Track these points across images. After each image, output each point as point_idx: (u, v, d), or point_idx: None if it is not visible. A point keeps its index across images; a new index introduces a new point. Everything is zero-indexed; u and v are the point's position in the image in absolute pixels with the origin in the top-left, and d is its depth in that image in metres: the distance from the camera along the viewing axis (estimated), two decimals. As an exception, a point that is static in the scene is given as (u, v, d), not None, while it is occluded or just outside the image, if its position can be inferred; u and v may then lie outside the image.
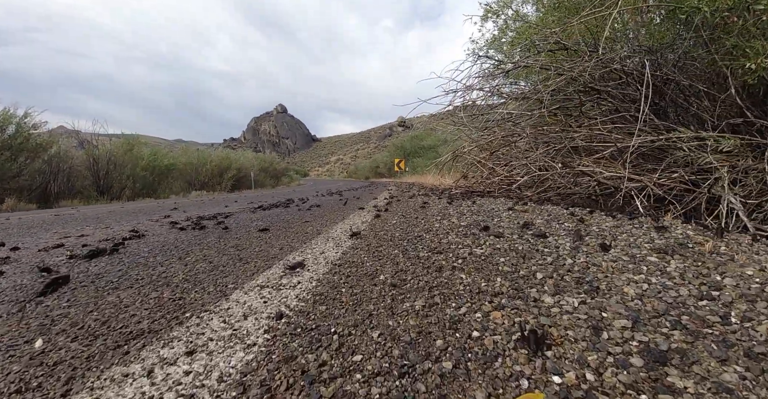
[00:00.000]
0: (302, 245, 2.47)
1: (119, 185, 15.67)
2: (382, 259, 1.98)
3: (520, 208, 3.55)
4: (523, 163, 5.30)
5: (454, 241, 2.32)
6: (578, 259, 1.85)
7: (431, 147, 24.05)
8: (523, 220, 2.91)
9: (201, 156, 21.78)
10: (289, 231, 3.13)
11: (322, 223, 3.55)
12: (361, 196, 7.69)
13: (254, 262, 2.06)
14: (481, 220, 3.07)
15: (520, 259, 1.87)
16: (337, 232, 2.98)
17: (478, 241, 2.32)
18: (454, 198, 5.25)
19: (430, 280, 1.57)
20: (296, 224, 3.57)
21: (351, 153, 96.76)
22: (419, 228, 2.88)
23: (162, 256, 2.40)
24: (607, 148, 4.50)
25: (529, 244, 2.17)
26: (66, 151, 14.59)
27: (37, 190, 13.31)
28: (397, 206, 4.85)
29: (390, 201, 5.76)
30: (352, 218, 3.85)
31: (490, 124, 6.17)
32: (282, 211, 4.92)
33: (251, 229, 3.39)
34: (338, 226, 3.33)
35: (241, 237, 2.95)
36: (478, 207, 4.01)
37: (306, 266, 1.90)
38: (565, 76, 4.93)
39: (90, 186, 14.86)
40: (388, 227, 3.03)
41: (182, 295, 1.56)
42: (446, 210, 3.98)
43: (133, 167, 16.32)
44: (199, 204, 7.72)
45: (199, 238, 3.01)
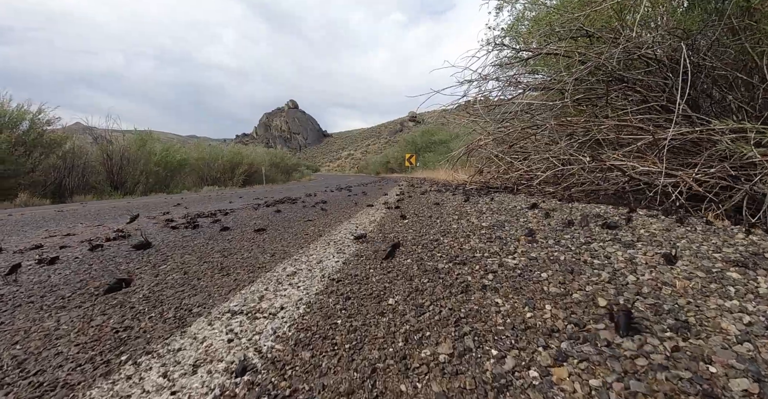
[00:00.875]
0: (299, 251, 2.07)
1: (132, 180, 15.55)
2: (391, 271, 1.57)
3: (546, 207, 3.11)
4: (544, 156, 4.84)
5: (478, 248, 1.90)
6: (642, 275, 1.42)
7: (442, 142, 23.52)
8: (553, 221, 2.48)
9: (213, 151, 21.63)
10: (288, 232, 2.74)
11: (326, 223, 3.15)
12: (370, 192, 7.29)
13: (236, 274, 1.67)
14: (504, 221, 2.64)
15: (567, 275, 1.45)
16: (341, 233, 2.58)
17: (507, 247, 1.90)
18: (470, 194, 4.81)
19: (455, 307, 1.16)
20: (297, 223, 3.18)
21: (362, 148, 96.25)
22: (435, 229, 2.46)
23: (137, 262, 2.03)
24: (637, 141, 4.06)
25: (572, 253, 1.75)
26: (80, 147, 14.48)
27: (52, 186, 13.21)
28: (408, 203, 4.44)
29: (401, 197, 5.35)
30: (360, 217, 3.45)
31: (507, 116, 5.71)
32: (285, 208, 4.54)
33: (247, 228, 3.01)
34: (343, 226, 2.93)
35: (233, 238, 2.57)
36: (497, 204, 3.58)
37: (296, 281, 1.50)
38: (590, 64, 4.46)
39: (104, 181, 14.76)
40: (399, 228, 2.62)
41: (131, 323, 1.18)
42: (462, 207, 3.56)
43: (146, 163, 16.18)
44: (206, 199, 7.40)
45: (187, 239, 2.64)
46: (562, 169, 4.25)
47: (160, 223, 3.68)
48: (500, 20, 7.65)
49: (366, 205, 4.44)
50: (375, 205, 4.49)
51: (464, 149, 5.96)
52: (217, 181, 20.75)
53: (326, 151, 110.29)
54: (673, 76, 4.50)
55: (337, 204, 4.97)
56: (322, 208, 4.45)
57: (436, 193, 5.55)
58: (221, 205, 5.56)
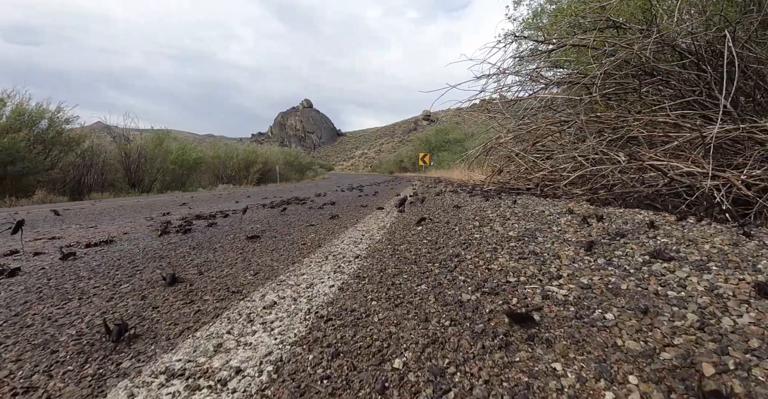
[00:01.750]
0: (289, 268, 1.69)
1: (149, 178, 15.52)
2: (400, 305, 1.17)
3: (580, 212, 2.67)
4: (570, 155, 4.38)
5: (510, 268, 1.49)
6: (739, 316, 1.01)
7: (457, 141, 22.97)
8: (593, 230, 2.05)
9: (228, 150, 21.55)
10: (284, 240, 2.36)
11: (330, 229, 2.76)
12: (382, 192, 6.90)
13: (202, 302, 1.29)
14: (534, 229, 2.21)
15: (641, 317, 1.03)
16: (343, 243, 2.18)
17: (546, 267, 1.48)
18: (489, 196, 4.38)
19: (493, 379, 0.76)
20: (298, 228, 2.80)
21: (375, 147, 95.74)
22: (454, 240, 2.05)
23: (100, 277, 1.68)
24: (672, 139, 3.60)
25: (634, 279, 1.32)
26: (98, 145, 14.48)
27: (71, 183, 13.22)
28: (422, 206, 4.03)
29: (414, 199, 4.95)
30: (368, 221, 3.05)
31: (529, 112, 5.24)
32: (290, 210, 4.18)
33: (241, 234, 2.65)
34: (348, 233, 2.54)
35: (220, 247, 2.21)
36: (522, 208, 3.15)
37: (273, 318, 1.11)
38: (622, 55, 3.98)
39: (122, 179, 14.75)
40: (412, 237, 2.22)
41: None
42: (483, 212, 3.13)
43: (163, 161, 16.13)
44: (215, 198, 7.11)
45: (170, 248, 2.29)
46: (593, 169, 3.80)
47: (155, 226, 3.36)
48: (518, 14, 7.14)
49: (376, 208, 4.05)
50: (386, 207, 4.10)
51: (482, 148, 5.52)
52: (232, 180, 20.67)
53: (340, 150, 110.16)
54: (710, 68, 4.02)
55: (345, 205, 4.59)
56: (329, 210, 4.08)
57: (452, 195, 5.13)
58: (226, 205, 5.24)
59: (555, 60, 5.43)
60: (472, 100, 5.39)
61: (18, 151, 10.85)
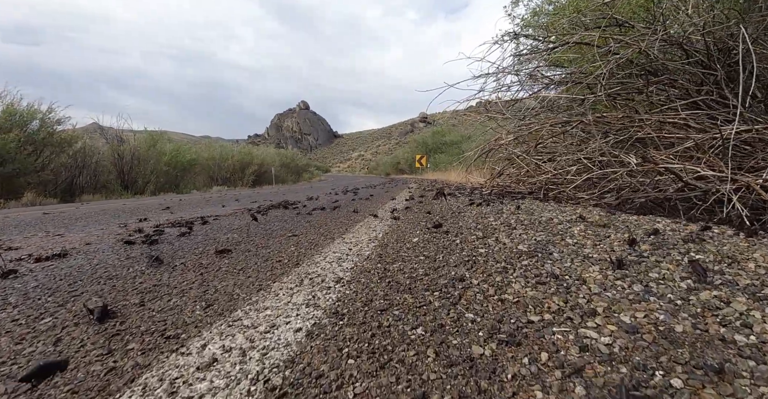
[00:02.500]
0: (252, 296, 1.34)
1: (143, 180, 15.14)
2: (386, 365, 0.83)
3: (595, 220, 2.34)
4: (574, 157, 4.07)
5: (528, 299, 1.16)
6: None
7: (454, 143, 22.69)
8: (614, 243, 1.73)
9: (223, 151, 21.14)
10: (259, 254, 2.02)
11: (314, 240, 2.42)
12: (377, 196, 6.56)
13: (123, 352, 0.94)
14: (546, 242, 1.89)
15: (715, 380, 0.71)
16: (326, 260, 1.84)
17: (574, 297, 1.16)
18: (490, 200, 4.06)
19: None
20: (278, 240, 2.46)
21: (372, 149, 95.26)
22: (456, 257, 1.72)
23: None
24: (684, 141, 3.33)
25: (690, 319, 1.00)
26: (91, 146, 14.10)
27: (63, 185, 12.85)
28: (419, 211, 3.70)
29: (410, 204, 4.62)
30: (359, 231, 2.72)
31: (529, 113, 4.94)
32: (276, 216, 3.84)
33: (214, 245, 2.32)
34: (334, 246, 2.20)
35: (183, 264, 1.87)
36: (527, 215, 2.82)
37: (204, 388, 0.78)
38: (628, 53, 3.70)
39: (114, 180, 14.37)
40: (406, 252, 1.89)
41: None
42: (485, 219, 2.81)
43: (156, 162, 15.73)
44: (203, 202, 6.75)
45: (125, 265, 1.95)
46: (601, 172, 3.49)
47: (124, 235, 3.02)
48: (518, 13, 6.83)
49: (370, 215, 3.71)
50: (380, 213, 3.76)
51: (481, 149, 5.20)
52: (227, 181, 20.29)
53: (337, 151, 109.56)
54: (720, 67, 3.74)
55: (336, 211, 4.25)
56: (318, 217, 3.74)
57: (450, 198, 4.81)
58: (210, 210, 4.88)
59: (555, 59, 5.13)
60: (471, 100, 5.07)
61: (8, 152, 10.47)
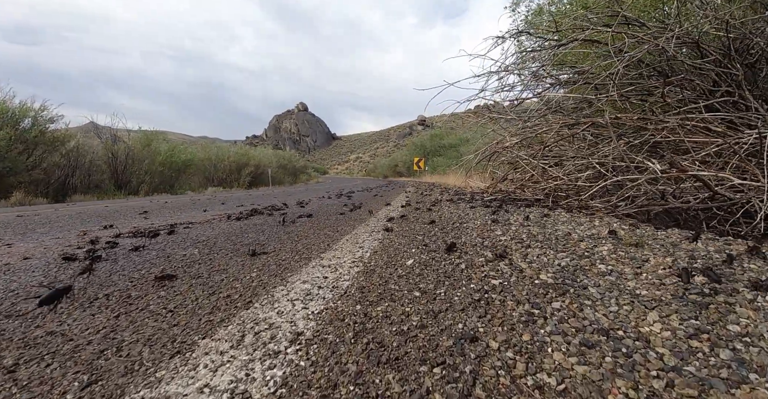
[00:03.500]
0: (160, 367, 0.94)
1: (137, 180, 14.72)
2: None
3: (624, 237, 1.95)
4: (585, 162, 3.70)
5: (578, 380, 0.78)
6: None
7: (452, 146, 22.33)
8: (658, 269, 1.34)
9: (219, 152, 20.68)
10: (206, 284, 1.58)
11: (285, 261, 1.99)
12: (372, 201, 6.17)
13: None
14: (573, 268, 1.51)
15: None
16: (289, 296, 1.43)
17: (645, 378, 0.78)
18: (494, 208, 3.68)
19: None
20: (241, 260, 2.05)
21: (370, 151, 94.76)
22: (462, 292, 1.33)
23: None
24: (704, 145, 3.00)
25: None
26: (85, 145, 13.69)
27: (55, 184, 12.46)
28: (415, 220, 3.31)
29: (406, 211, 4.23)
30: (342, 248, 2.31)
31: (535, 114, 4.56)
32: (256, 224, 3.45)
33: (162, 265, 1.92)
34: (305, 273, 1.77)
35: (106, 295, 1.47)
36: (539, 228, 2.44)
37: None
38: (643, 49, 3.33)
39: (108, 180, 13.96)
40: (397, 282, 1.49)
41: None
42: (491, 232, 2.43)
43: (151, 162, 15.29)
44: (188, 205, 6.33)
45: (30, 296, 1.55)
46: (622, 178, 3.11)
47: (77, 245, 2.62)
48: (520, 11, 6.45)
49: (359, 223, 3.32)
50: (370, 222, 3.36)
51: (484, 152, 4.82)
52: (223, 182, 19.85)
53: (335, 153, 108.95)
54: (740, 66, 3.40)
55: (324, 218, 3.85)
56: (301, 226, 3.35)
57: (449, 204, 4.42)
58: (189, 216, 4.47)
59: (561, 58, 4.75)
60: (471, 100, 4.68)
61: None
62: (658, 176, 2.62)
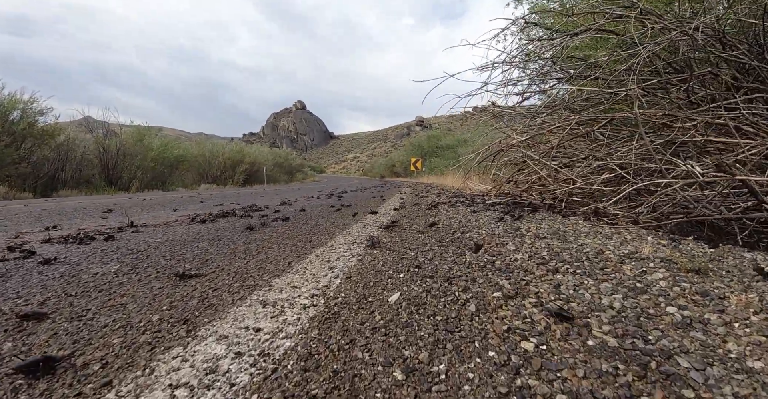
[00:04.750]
0: None
1: (128, 176, 14.22)
2: None
3: (681, 260, 1.52)
4: (598, 163, 3.30)
5: None
6: None
7: (449, 147, 21.96)
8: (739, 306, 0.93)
9: (213, 149, 20.14)
10: (79, 335, 1.10)
11: (217, 291, 1.50)
12: (364, 201, 5.73)
13: None
14: (632, 311, 1.10)
15: None
16: (189, 364, 0.95)
17: None
18: (499, 213, 3.27)
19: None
20: (158, 287, 1.59)
21: (368, 151, 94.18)
22: (476, 373, 0.90)
23: None
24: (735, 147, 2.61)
25: None
26: (75, 139, 13.20)
27: (44, 178, 11.99)
28: (409, 229, 2.88)
29: (399, 215, 3.81)
30: (308, 267, 1.85)
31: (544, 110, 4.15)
32: (219, 229, 3.01)
33: (49, 293, 1.49)
34: (233, 316, 1.27)
35: None
36: (559, 241, 2.02)
37: None
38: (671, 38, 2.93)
39: (99, 175, 13.46)
40: (370, 337, 1.05)
41: None
42: (502, 246, 2.01)
43: (143, 158, 14.78)
44: (164, 203, 5.88)
45: None
46: (652, 182, 2.70)
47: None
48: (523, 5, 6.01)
49: (340, 230, 2.89)
50: (354, 230, 2.92)
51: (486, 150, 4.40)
52: (218, 179, 19.34)
53: (332, 152, 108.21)
54: None
55: (302, 223, 3.41)
56: (274, 230, 2.92)
57: (448, 209, 4.00)
58: (155, 215, 4.01)
59: (572, 50, 4.33)
60: (473, 94, 4.25)
61: (-16, 143, 9.64)
62: (700, 180, 2.20)
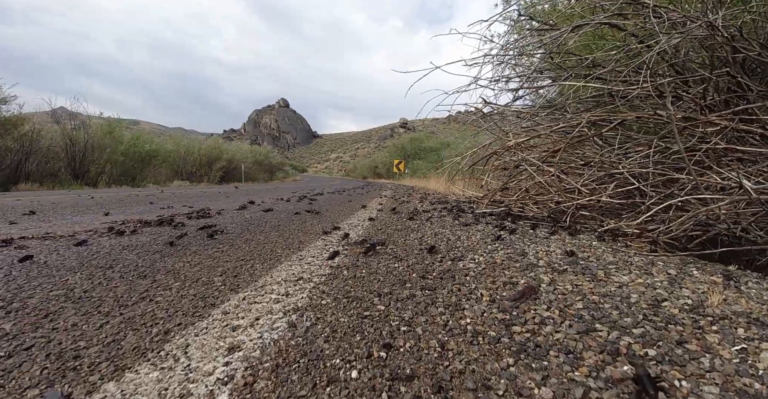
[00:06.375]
0: None
1: (96, 170, 13.19)
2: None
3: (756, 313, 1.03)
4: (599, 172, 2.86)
5: None
6: None
7: (432, 149, 21.59)
8: None
9: (189, 144, 19.10)
10: None
11: (111, 349, 0.99)
12: (339, 207, 5.16)
13: None
14: None
15: None
16: None
17: None
18: (495, 227, 2.77)
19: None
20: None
21: (351, 151, 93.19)
22: None
23: None
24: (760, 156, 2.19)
25: None
26: (42, 130, 12.17)
27: (6, 170, 10.99)
28: (383, 251, 2.35)
29: (373, 227, 3.27)
30: (198, 342, 1.22)
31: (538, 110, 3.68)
32: (128, 245, 2.42)
33: None
34: None
35: None
36: (590, 281, 1.50)
37: None
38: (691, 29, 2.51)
39: (65, 169, 12.43)
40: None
41: None
42: (515, 289, 1.49)
43: (112, 151, 13.75)
44: (102, 203, 5.16)
45: None
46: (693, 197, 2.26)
47: None
48: None
49: (290, 254, 2.33)
50: (309, 252, 2.36)
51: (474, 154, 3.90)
52: (193, 176, 18.36)
53: (315, 152, 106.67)
54: None
55: (243, 241, 2.84)
56: (197, 255, 2.34)
57: (431, 218, 3.48)
58: (70, 222, 3.33)
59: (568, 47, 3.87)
60: (462, 91, 3.75)
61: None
62: (752, 197, 1.74)
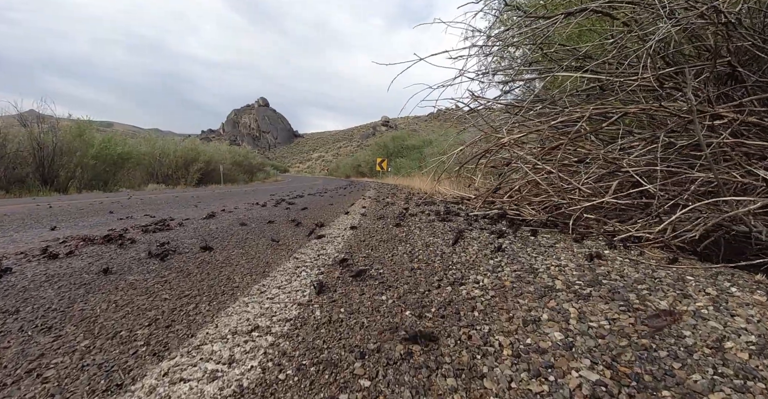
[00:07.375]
0: None
1: (66, 175, 12.42)
2: None
3: None
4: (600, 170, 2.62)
5: None
6: None
7: (415, 147, 21.36)
8: None
9: (164, 146, 18.28)
10: None
11: None
12: (320, 211, 4.83)
13: None
14: None
15: None
16: None
17: None
18: (487, 230, 2.49)
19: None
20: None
21: (333, 150, 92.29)
22: None
23: None
24: None
25: None
26: (6, 134, 11.34)
27: None
28: (367, 274, 2.05)
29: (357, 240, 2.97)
30: None
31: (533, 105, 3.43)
32: (79, 268, 2.06)
33: None
34: None
35: None
36: (626, 311, 1.22)
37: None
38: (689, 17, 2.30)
39: (33, 174, 11.64)
40: None
41: None
42: (540, 336, 1.21)
43: (83, 155, 12.96)
44: (52, 214, 4.70)
45: None
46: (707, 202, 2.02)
47: None
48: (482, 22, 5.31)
49: (250, 283, 2.00)
50: (274, 281, 2.03)
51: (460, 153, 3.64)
52: (169, 179, 17.61)
53: (297, 151, 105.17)
54: None
55: (196, 266, 2.49)
56: (134, 290, 1.99)
57: (420, 224, 3.19)
58: (13, 240, 2.91)
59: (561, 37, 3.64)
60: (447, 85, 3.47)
61: None
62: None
